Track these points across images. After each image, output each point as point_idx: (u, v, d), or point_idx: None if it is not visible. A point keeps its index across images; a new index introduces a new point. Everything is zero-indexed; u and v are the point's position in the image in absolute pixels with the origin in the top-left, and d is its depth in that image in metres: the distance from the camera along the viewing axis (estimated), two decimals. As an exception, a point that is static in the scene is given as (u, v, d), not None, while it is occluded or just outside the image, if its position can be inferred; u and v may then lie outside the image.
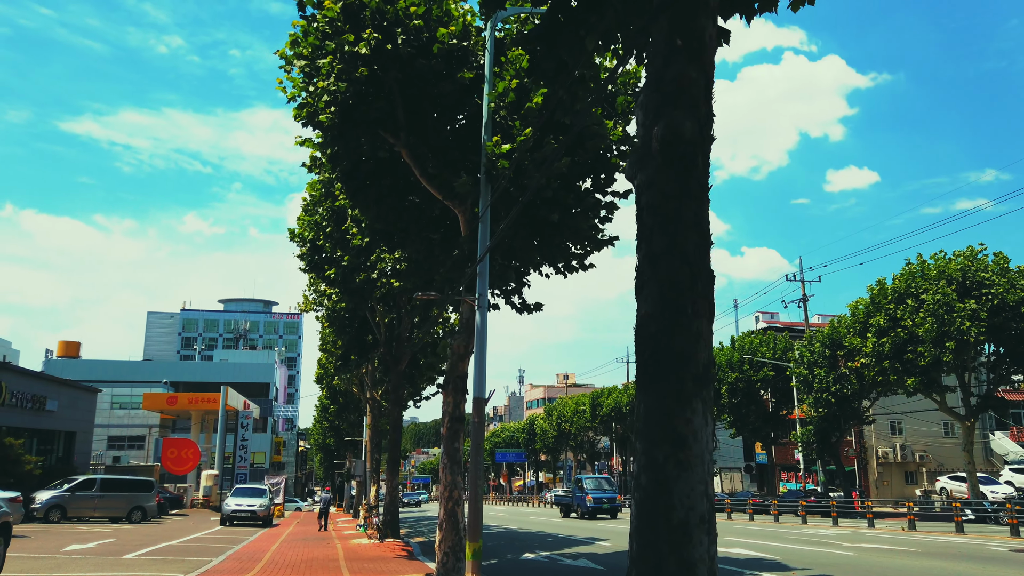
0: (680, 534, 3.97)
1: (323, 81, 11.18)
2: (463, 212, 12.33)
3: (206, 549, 17.68)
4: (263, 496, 31.63)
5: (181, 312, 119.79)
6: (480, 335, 10.87)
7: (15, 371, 31.35)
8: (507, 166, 10.86)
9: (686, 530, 3.98)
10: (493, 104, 11.34)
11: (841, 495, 41.79)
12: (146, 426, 63.10)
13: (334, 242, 18.59)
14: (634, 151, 4.82)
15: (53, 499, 26.63)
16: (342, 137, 11.82)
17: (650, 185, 4.62)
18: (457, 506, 11.70)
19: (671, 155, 4.54)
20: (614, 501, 34.69)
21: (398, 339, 21.90)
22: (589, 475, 44.06)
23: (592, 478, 37.73)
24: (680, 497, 4.02)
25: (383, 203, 13.55)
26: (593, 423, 71.63)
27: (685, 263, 4.39)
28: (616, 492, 36.59)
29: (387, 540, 20.59)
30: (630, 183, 4.98)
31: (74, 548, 16.32)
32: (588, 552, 17.40)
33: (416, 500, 70.01)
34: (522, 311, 14.95)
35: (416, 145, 12.10)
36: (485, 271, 11.03)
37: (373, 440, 29.43)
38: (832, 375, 39.87)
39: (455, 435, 12.15)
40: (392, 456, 22.26)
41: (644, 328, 4.40)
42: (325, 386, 43.67)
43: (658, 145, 4.56)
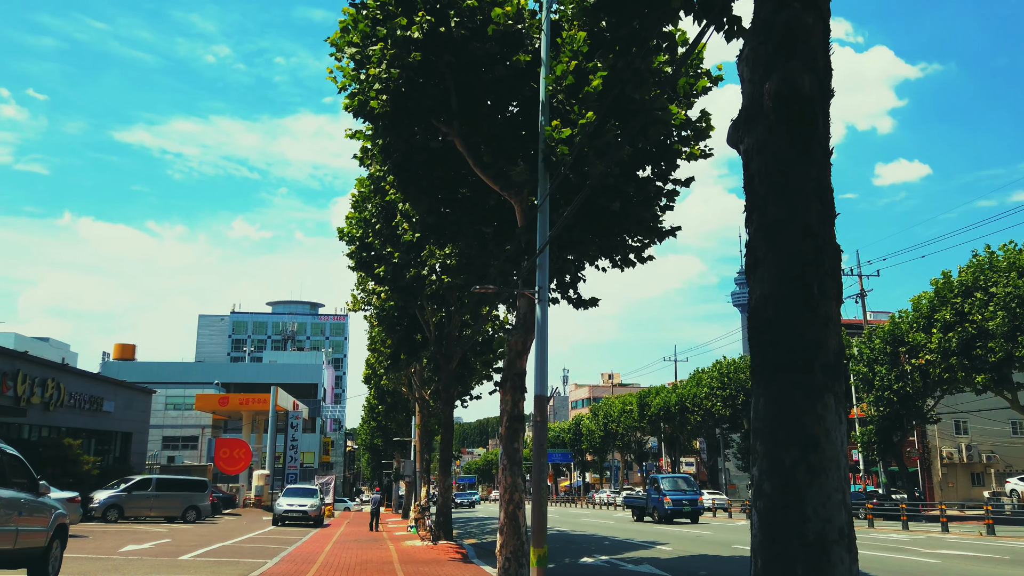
0: (816, 552, 3.38)
1: (374, 68, 10.80)
2: (519, 202, 11.83)
3: (260, 550, 17.54)
4: (314, 496, 31.65)
5: (231, 315, 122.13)
6: (541, 330, 10.35)
7: (73, 372, 31.97)
8: (567, 152, 10.32)
9: (823, 547, 3.39)
10: (551, 88, 10.80)
11: (904, 497, 40.16)
12: (199, 426, 64.25)
13: (383, 239, 18.28)
14: (740, 112, 4.25)
15: (111, 499, 26.99)
16: (394, 127, 11.43)
17: (762, 149, 4.04)
18: (519, 509, 11.20)
19: (787, 113, 3.95)
20: (695, 503, 31.66)
21: (448, 337, 21.52)
22: (665, 474, 39.89)
23: (669, 477, 34.02)
24: (814, 508, 3.43)
25: (435, 196, 13.15)
26: (641, 423, 70.52)
27: (808, 235, 3.80)
28: (697, 493, 33.20)
29: (440, 542, 20.22)
30: (733, 148, 4.38)
31: (130, 549, 16.31)
32: (649, 557, 16.74)
33: (470, 501, 67.15)
34: (579, 306, 14.41)
35: (469, 134, 11.64)
36: (545, 263, 10.50)
37: (423, 440, 29.16)
38: (894, 372, 38.31)
39: (515, 435, 11.65)
40: (444, 456, 21.89)
41: (761, 312, 3.82)
42: (373, 386, 43.70)
43: (771, 102, 3.98)
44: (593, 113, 10.42)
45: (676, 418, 63.37)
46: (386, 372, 30.37)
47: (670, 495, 31.19)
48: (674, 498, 30.94)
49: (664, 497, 31.15)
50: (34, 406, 27.49)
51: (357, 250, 20.66)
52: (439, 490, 22.02)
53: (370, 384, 43.76)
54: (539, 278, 10.48)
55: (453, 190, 13.39)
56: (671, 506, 30.83)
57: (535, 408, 10.28)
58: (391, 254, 17.99)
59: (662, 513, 31.20)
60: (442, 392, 21.87)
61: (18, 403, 26.17)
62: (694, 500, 31.58)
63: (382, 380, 37.66)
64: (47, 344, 61.47)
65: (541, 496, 9.90)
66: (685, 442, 70.96)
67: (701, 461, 75.31)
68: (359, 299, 26.72)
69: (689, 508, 31.12)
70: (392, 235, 17.59)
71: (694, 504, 31.49)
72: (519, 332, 12.00)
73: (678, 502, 30.87)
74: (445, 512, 21.27)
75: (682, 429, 65.63)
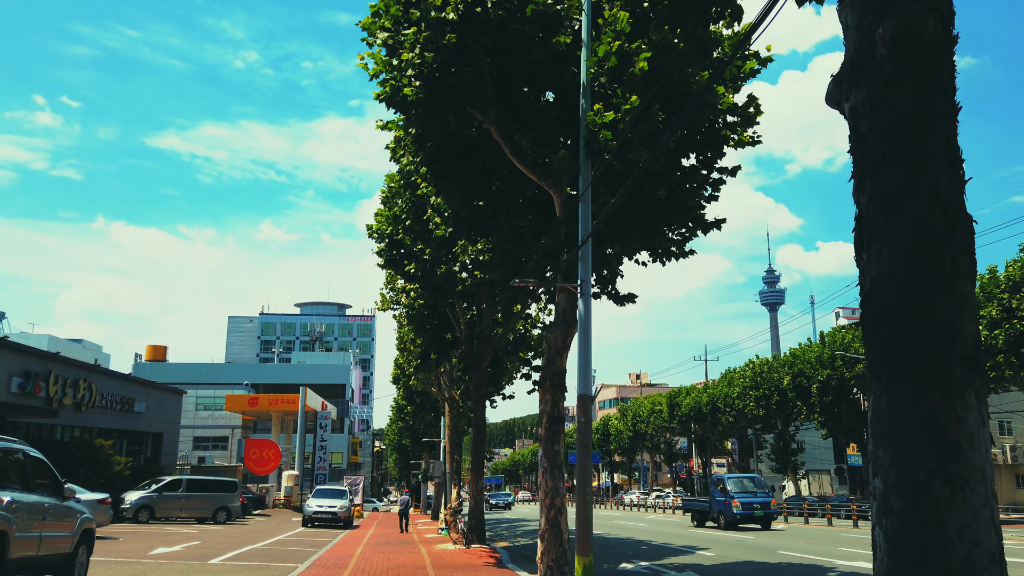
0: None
1: (407, 53, 10.33)
2: (559, 192, 11.28)
3: (290, 554, 17.19)
4: (343, 497, 31.39)
5: (260, 316, 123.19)
6: (584, 325, 9.80)
7: (104, 373, 32.07)
8: (610, 137, 9.75)
9: (971, 574, 2.81)
10: (592, 71, 10.24)
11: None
12: (229, 427, 64.59)
13: (414, 235, 17.85)
14: (843, 65, 3.67)
15: (142, 500, 26.95)
16: (428, 115, 10.94)
17: (876, 104, 3.47)
18: (560, 514, 10.65)
19: (907, 63, 3.37)
20: (768, 507, 28.17)
21: (480, 336, 21.04)
22: (731, 474, 34.99)
23: (735, 478, 30.29)
24: (958, 528, 2.84)
25: (469, 188, 12.65)
26: (671, 423, 69.52)
27: (937, 205, 3.20)
28: (770, 495, 29.66)
29: (473, 546, 19.73)
30: (834, 108, 3.80)
31: (160, 552, 16.05)
32: (692, 563, 16.10)
33: (506, 502, 62.95)
34: (618, 302, 13.81)
35: (506, 121, 11.12)
36: (588, 255, 9.95)
37: (453, 440, 28.72)
38: (936, 371, 37.06)
39: (555, 436, 11.10)
40: (476, 457, 21.41)
41: (880, 295, 3.24)
42: (402, 386, 43.40)
43: (887, 50, 3.40)
44: (638, 97, 9.85)
45: (707, 418, 62.31)
46: (415, 372, 29.97)
47: (739, 497, 28.02)
48: (744, 500, 27.84)
49: (732, 500, 28.01)
50: (66, 407, 27.53)
51: (387, 247, 20.27)
52: (471, 492, 21.54)
53: (399, 384, 43.46)
54: (581, 271, 9.94)
55: (488, 182, 12.89)
56: (740, 510, 27.70)
57: (578, 408, 9.74)
58: (422, 251, 17.54)
59: (729, 518, 28.04)
60: (473, 392, 21.40)
61: (50, 404, 26.21)
62: (766, 503, 28.19)
63: (411, 380, 37.31)
64: (80, 346, 62.19)
65: (586, 501, 9.35)
66: (716, 443, 69.83)
67: (733, 462, 73.98)
68: (388, 298, 26.35)
69: (761, 512, 27.77)
70: (423, 231, 17.14)
71: (767, 508, 28.07)
72: (559, 328, 11.45)
73: (748, 505, 27.73)
74: (478, 515, 20.78)
75: (713, 430, 64.52)
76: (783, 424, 52.77)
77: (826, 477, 67.53)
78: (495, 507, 59.19)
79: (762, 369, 53.56)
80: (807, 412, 47.29)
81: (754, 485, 29.28)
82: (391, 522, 36.76)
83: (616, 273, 13.61)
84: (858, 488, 54.36)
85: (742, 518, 27.68)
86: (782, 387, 49.47)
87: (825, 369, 44.79)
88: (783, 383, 48.74)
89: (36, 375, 25.30)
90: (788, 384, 47.84)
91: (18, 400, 24.24)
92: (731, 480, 29.57)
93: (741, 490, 28.52)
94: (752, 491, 28.60)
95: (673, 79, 10.74)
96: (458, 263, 16.66)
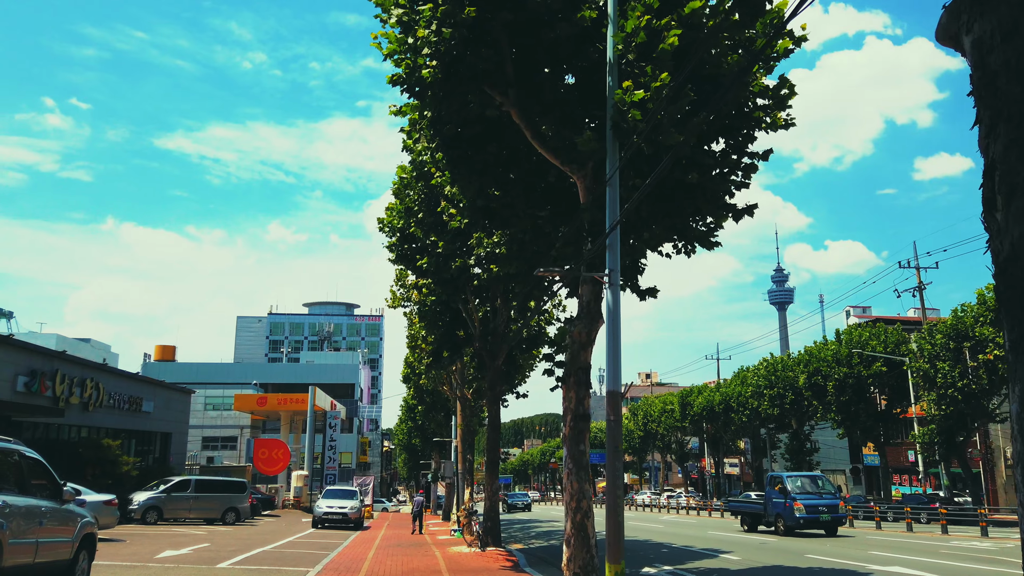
0: None
1: (424, 30, 9.77)
2: (582, 178, 10.70)
3: (301, 557, 16.68)
4: (354, 498, 30.90)
5: (268, 316, 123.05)
6: (612, 318, 9.22)
7: (112, 372, 31.67)
8: (639, 117, 9.17)
9: None
10: (619, 47, 9.65)
11: (969, 501, 38.08)
12: (237, 427, 64.25)
13: (427, 228, 17.30)
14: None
15: (150, 500, 26.53)
16: (445, 97, 10.39)
17: (1010, 34, 2.90)
18: (587, 518, 10.08)
19: (1051, -22, 2.79)
20: (835, 510, 24.48)
21: (494, 333, 20.48)
22: (791, 472, 29.65)
23: (795, 476, 25.92)
24: None
25: (487, 175, 12.08)
26: (683, 423, 68.85)
27: (1096, 151, 2.62)
28: (837, 497, 25.98)
29: (488, 548, 19.17)
30: (947, 45, 3.21)
31: (168, 555, 15.56)
32: (717, 567, 15.49)
33: (525, 503, 58.35)
34: (641, 296, 13.22)
35: (527, 103, 10.55)
36: (616, 242, 9.37)
37: (465, 440, 28.17)
38: (958, 369, 36.29)
39: (580, 435, 10.52)
40: (491, 457, 20.84)
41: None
42: (412, 385, 42.91)
43: (1025, -35, 2.83)
44: (668, 74, 9.26)
45: (720, 418, 61.61)
46: (427, 370, 29.45)
47: (802, 499, 24.20)
48: (808, 503, 24.04)
49: (793, 502, 24.13)
50: (73, 406, 27.13)
51: (398, 242, 19.75)
52: (486, 492, 20.98)
53: (409, 383, 42.99)
54: (610, 260, 9.36)
55: (506, 169, 12.32)
56: (804, 513, 23.90)
57: (608, 405, 9.16)
58: (435, 243, 16.99)
59: (791, 523, 24.26)
60: (488, 390, 20.84)
61: (57, 403, 25.79)
62: (833, 505, 24.49)
63: (421, 379, 36.82)
64: (88, 345, 61.98)
65: (617, 503, 8.78)
66: (729, 442, 69.10)
67: (745, 462, 73.29)
68: (398, 295, 25.86)
69: (828, 517, 24.06)
70: (436, 223, 16.59)
71: (834, 511, 24.34)
72: (583, 322, 10.88)
73: (813, 508, 23.96)
74: (493, 516, 20.23)
75: (726, 429, 63.83)
76: (798, 423, 52.01)
77: (841, 477, 66.66)
78: (513, 508, 56.00)
79: (776, 368, 52.81)
80: (823, 411, 46.54)
81: (818, 485, 25.59)
82: (401, 523, 36.26)
83: (639, 266, 13.03)
84: (874, 488, 53.52)
85: (806, 523, 24.11)
86: (797, 386, 48.73)
87: (842, 367, 44.04)
88: (798, 382, 47.99)
89: (42, 374, 24.89)
90: (804, 383, 47.10)
91: (24, 399, 23.83)
92: (791, 479, 25.48)
93: (803, 490, 24.79)
94: (816, 492, 24.98)
95: (703, 58, 10.16)
96: (473, 256, 16.12)
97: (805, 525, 24.20)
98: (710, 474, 73.41)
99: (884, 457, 47.02)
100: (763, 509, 26.32)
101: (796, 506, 23.98)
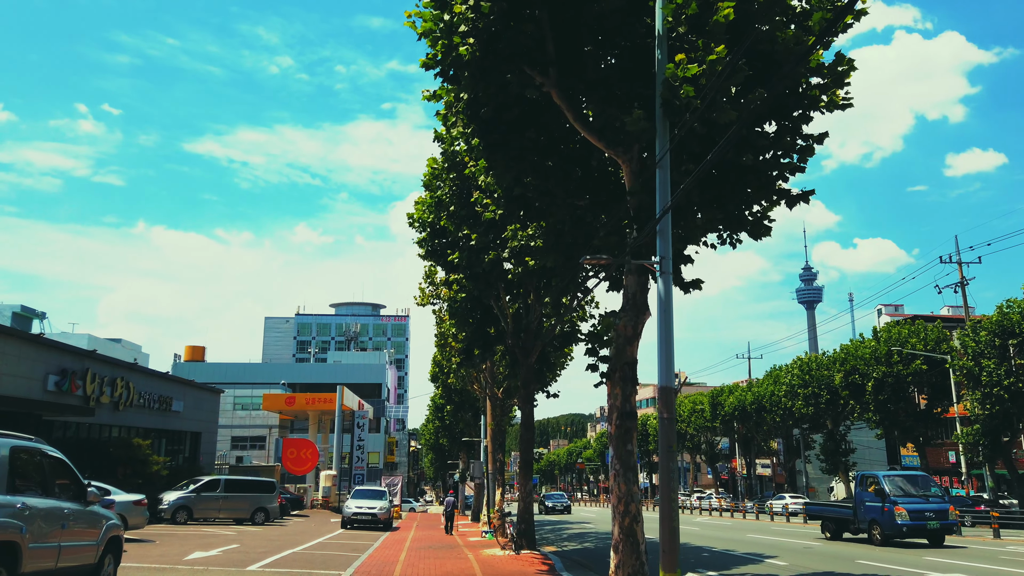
0: None
1: (460, 6, 9.24)
2: (628, 161, 10.10)
3: (331, 559, 16.26)
4: (383, 498, 30.55)
5: (296, 317, 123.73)
6: (664, 308, 8.61)
7: (142, 372, 31.63)
8: (692, 94, 8.55)
9: None
10: (669, 20, 9.04)
11: (1016, 504, 36.73)
12: (266, 426, 64.43)
13: (458, 221, 16.78)
14: None
15: (180, 500, 26.38)
16: (483, 77, 9.84)
17: None
18: (636, 523, 9.47)
19: None
20: (945, 516, 20.87)
21: (527, 330, 19.91)
22: (889, 471, 24.73)
23: (895, 477, 22.18)
24: None
25: (524, 161, 11.52)
26: (713, 423, 67.74)
27: None
28: (946, 501, 22.12)
29: (523, 552, 18.61)
30: None
31: (197, 556, 15.22)
32: (764, 573, 14.77)
33: (564, 505, 53.51)
34: (685, 288, 12.57)
35: (569, 83, 9.96)
36: (667, 228, 8.76)
37: (495, 440, 27.65)
38: (1004, 367, 35.00)
39: (627, 434, 9.91)
40: (524, 457, 20.27)
41: None
42: (440, 384, 42.50)
43: None
44: (724, 47, 8.63)
45: (752, 418, 60.45)
46: (457, 368, 28.96)
47: (904, 503, 20.78)
48: (911, 507, 20.61)
49: (894, 506, 20.74)
50: (103, 406, 27.07)
51: (428, 237, 19.28)
52: (520, 493, 20.41)
53: (437, 383, 42.56)
54: (660, 247, 8.75)
55: (544, 156, 11.75)
56: (908, 520, 20.43)
57: (659, 402, 8.55)
58: (467, 236, 16.48)
59: (891, 530, 20.72)
60: (521, 388, 20.27)
61: (87, 402, 25.73)
62: (943, 511, 20.90)
63: (449, 378, 36.35)
64: (119, 345, 62.52)
65: (672, 508, 8.17)
66: (760, 443, 67.84)
67: (778, 463, 71.97)
68: (427, 292, 25.40)
69: (937, 524, 20.49)
70: (469, 215, 16.08)
71: (943, 517, 20.78)
72: (628, 314, 10.26)
73: (919, 514, 20.46)
74: (527, 518, 19.66)
75: (758, 429, 62.65)
76: (833, 423, 50.77)
77: (876, 479, 65.12)
78: (552, 511, 51.93)
79: (811, 366, 51.60)
80: (860, 410, 45.32)
81: (921, 487, 21.86)
82: (430, 523, 35.84)
83: (685, 257, 12.38)
84: (913, 490, 52.09)
85: (910, 531, 20.48)
86: (833, 385, 47.51)
87: (881, 365, 42.79)
88: (834, 380, 46.80)
89: (73, 373, 24.82)
90: (840, 382, 45.90)
91: (55, 398, 23.76)
92: (889, 479, 21.82)
93: (905, 493, 21.25)
94: (921, 495, 21.34)
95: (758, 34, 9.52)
96: (507, 249, 15.55)
97: (909, 533, 20.57)
98: (741, 475, 72.17)
99: (924, 458, 45.64)
100: (851, 514, 22.90)
101: (898, 511, 20.59)
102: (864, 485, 22.72)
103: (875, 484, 21.92)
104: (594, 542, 24.36)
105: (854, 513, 22.67)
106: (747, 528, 31.44)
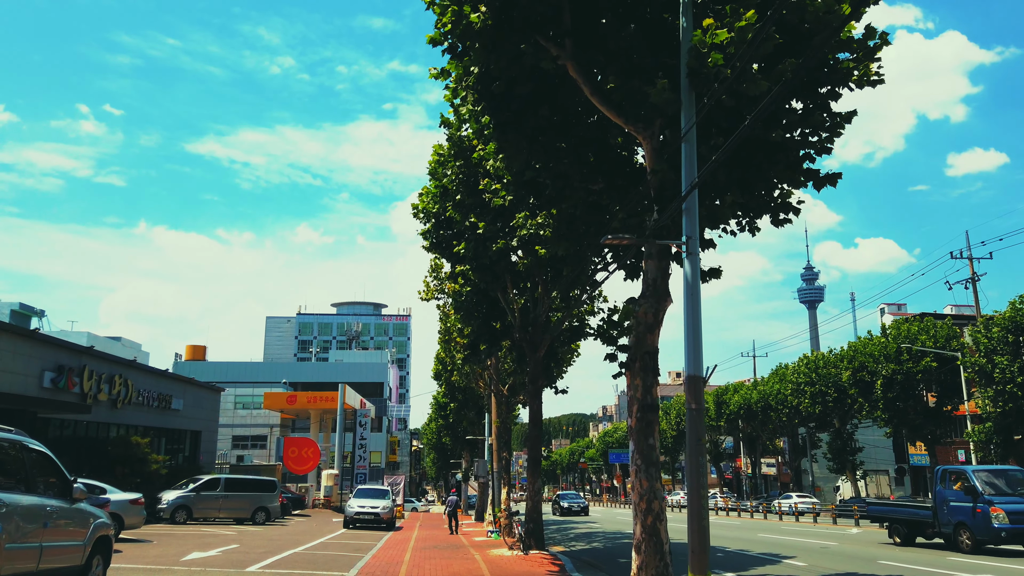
0: None
1: (472, -30, 8.67)
2: (649, 138, 9.53)
3: (333, 560, 15.70)
4: (385, 497, 30.01)
5: (297, 316, 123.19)
6: (691, 293, 8.05)
7: (141, 369, 31.08)
8: (722, 62, 7.98)
9: None
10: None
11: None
12: (267, 425, 63.87)
13: (465, 209, 16.22)
14: None
15: (179, 499, 25.84)
16: (495, 48, 9.28)
17: None
18: (659, 521, 8.91)
19: None
20: None
21: (534, 323, 19.34)
22: (978, 466, 22.00)
23: (986, 472, 19.04)
24: None
25: (537, 142, 10.95)
26: (718, 422, 67.12)
27: None
28: None
29: (532, 552, 18.04)
30: None
31: (195, 557, 14.67)
32: (784, 574, 14.19)
33: (581, 506, 49.49)
34: (705, 277, 11.99)
35: (586, 55, 9.39)
36: (694, 206, 8.21)
37: (501, 438, 27.08)
38: (1017, 364, 34.39)
39: (648, 428, 9.34)
40: (532, 455, 19.70)
41: None
42: (443, 382, 41.94)
43: None
44: (754, 12, 8.06)
45: (757, 416, 59.83)
46: (463, 364, 28.39)
47: (1000, 503, 17.62)
48: (1011, 508, 17.41)
49: (989, 507, 17.61)
50: (101, 403, 26.54)
51: (433, 228, 18.72)
52: (529, 492, 19.85)
53: (440, 380, 42.00)
54: (686, 226, 8.19)
55: (557, 137, 11.18)
56: (1007, 523, 17.24)
57: (687, 392, 7.99)
58: (474, 225, 15.92)
59: (985, 535, 17.70)
60: (528, 383, 19.72)
61: (84, 400, 25.19)
62: None
63: (452, 376, 35.79)
64: (119, 343, 61.93)
65: (701, 507, 7.60)
66: (766, 442, 67.21)
67: (784, 462, 71.31)
68: (432, 287, 24.85)
69: None
70: (476, 203, 15.51)
71: None
72: (649, 301, 9.69)
73: (1019, 516, 17.27)
74: (535, 518, 19.09)
75: (763, 428, 62.03)
76: (840, 422, 50.15)
77: (884, 478, 64.41)
78: (567, 512, 48.09)
79: (818, 364, 50.98)
80: (869, 409, 44.70)
81: (1016, 483, 18.61)
82: (433, 523, 35.27)
83: (706, 241, 11.80)
84: (921, 489, 51.41)
85: (1009, 536, 17.33)
86: (840, 383, 46.91)
87: (890, 363, 42.18)
88: (842, 378, 46.20)
89: (69, 370, 24.29)
90: (848, 379, 45.30)
91: (51, 395, 23.21)
92: (980, 475, 18.69)
93: (999, 491, 18.10)
94: (1019, 493, 18.12)
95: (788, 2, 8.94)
96: (516, 237, 14.98)
97: (1009, 539, 17.46)
98: (746, 474, 71.54)
99: (934, 456, 45.03)
100: (929, 516, 19.97)
101: (994, 512, 17.41)
102: (947, 482, 19.54)
103: (962, 481, 18.86)
104: (602, 542, 23.79)
105: (934, 515, 19.67)
106: (756, 528, 30.87)
